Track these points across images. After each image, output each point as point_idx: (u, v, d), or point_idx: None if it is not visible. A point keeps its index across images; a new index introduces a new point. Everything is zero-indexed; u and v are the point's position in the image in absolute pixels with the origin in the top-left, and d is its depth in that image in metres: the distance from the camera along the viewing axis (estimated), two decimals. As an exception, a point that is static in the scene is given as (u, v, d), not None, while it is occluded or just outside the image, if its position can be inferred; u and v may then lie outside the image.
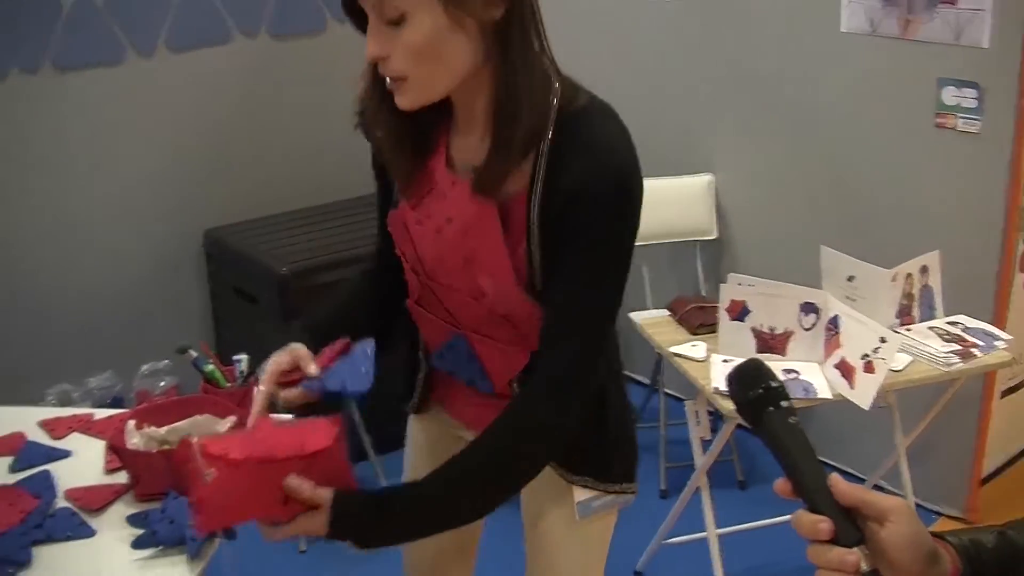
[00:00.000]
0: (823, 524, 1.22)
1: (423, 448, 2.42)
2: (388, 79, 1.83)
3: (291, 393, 1.98)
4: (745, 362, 1.35)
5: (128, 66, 4.50)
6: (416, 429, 2.45)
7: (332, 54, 4.98)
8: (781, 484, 1.29)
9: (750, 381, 1.32)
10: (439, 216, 1.94)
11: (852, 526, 1.23)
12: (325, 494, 1.80)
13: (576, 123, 1.81)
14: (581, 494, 2.14)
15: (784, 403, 1.31)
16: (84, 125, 4.45)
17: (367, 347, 2.00)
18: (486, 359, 2.03)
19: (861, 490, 1.24)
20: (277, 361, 1.98)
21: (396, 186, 2.04)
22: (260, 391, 1.97)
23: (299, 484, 1.77)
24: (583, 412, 1.92)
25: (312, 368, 1.96)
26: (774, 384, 1.31)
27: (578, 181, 1.77)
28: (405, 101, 1.82)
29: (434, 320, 2.08)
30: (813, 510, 1.24)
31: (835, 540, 1.22)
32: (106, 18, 4.38)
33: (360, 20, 1.83)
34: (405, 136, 1.92)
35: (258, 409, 1.95)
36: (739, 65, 4.35)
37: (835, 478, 1.25)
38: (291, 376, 1.99)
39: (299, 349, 1.99)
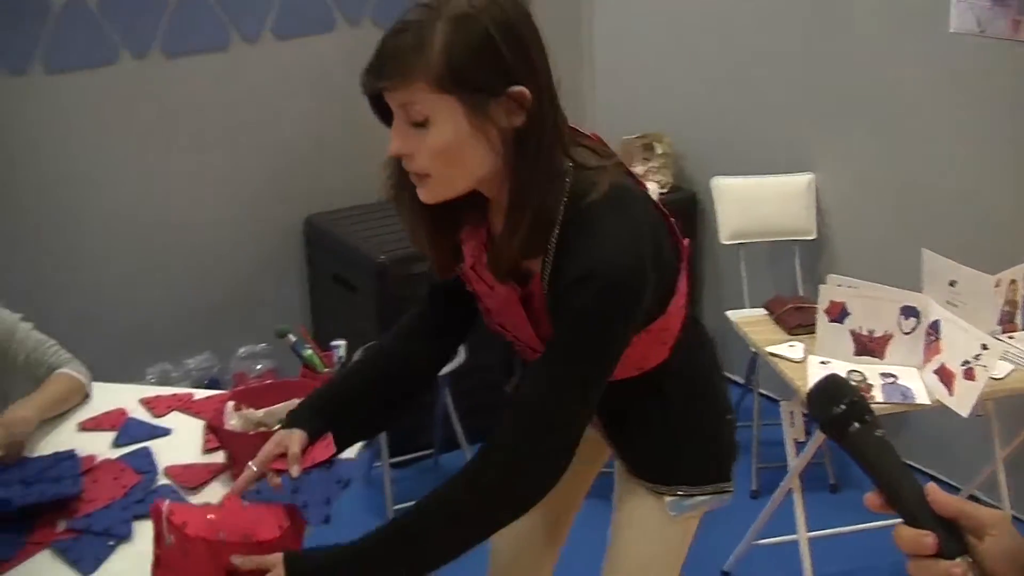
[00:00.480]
0: (927, 538, 1.19)
1: None
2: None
3: (275, 481, 2.08)
4: (825, 378, 1.34)
5: (233, 52, 4.56)
6: None
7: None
8: (872, 498, 1.27)
9: (832, 398, 1.31)
10: (486, 284, 2.04)
11: (953, 537, 1.20)
12: (274, 557, 1.87)
13: (583, 217, 1.85)
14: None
15: (868, 417, 1.29)
16: (189, 111, 4.51)
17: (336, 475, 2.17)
18: None
19: (960, 501, 1.22)
20: (276, 445, 2.08)
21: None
22: (251, 469, 2.06)
23: (244, 560, 1.87)
24: (558, 456, 1.90)
25: (294, 470, 2.04)
26: (856, 399, 1.30)
27: (580, 269, 1.81)
28: (427, 196, 1.90)
29: (509, 336, 2.16)
30: (911, 523, 1.22)
31: (938, 553, 1.20)
32: (213, 5, 4.45)
33: (386, 114, 1.92)
34: (435, 218, 1.99)
35: (242, 485, 2.05)
36: (843, 64, 4.31)
37: (932, 488, 1.23)
38: (280, 462, 2.08)
39: (295, 442, 2.07)
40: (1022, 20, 3.71)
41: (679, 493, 2.19)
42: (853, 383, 1.39)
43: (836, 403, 1.30)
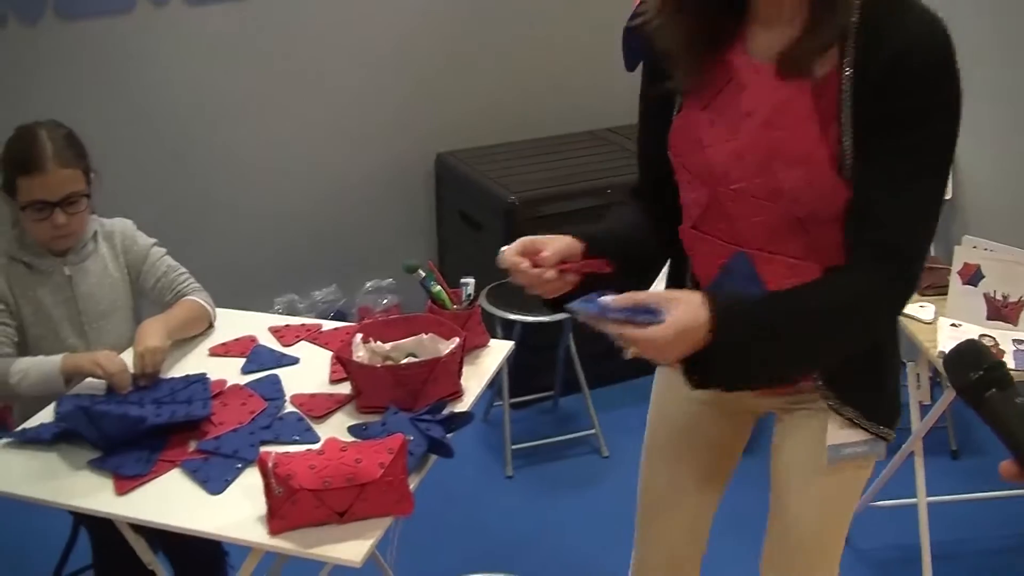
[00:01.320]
0: None
1: (675, 403, 2.35)
2: None
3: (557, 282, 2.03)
4: (963, 343, 1.31)
5: (371, -10, 4.58)
6: (668, 383, 2.37)
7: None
8: (1008, 466, 1.24)
9: (970, 363, 1.28)
10: (735, 112, 1.89)
11: None
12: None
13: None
14: (835, 436, 2.08)
15: (1008, 383, 1.26)
16: (323, 44, 4.55)
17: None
18: (769, 278, 1.95)
19: None
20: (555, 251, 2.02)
21: (680, 90, 1.97)
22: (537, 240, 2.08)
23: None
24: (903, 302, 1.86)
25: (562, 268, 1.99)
26: (995, 365, 1.27)
27: (897, 53, 1.73)
28: None
29: (712, 242, 2.00)
30: None
31: None
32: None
33: None
34: (703, 28, 1.87)
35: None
36: (980, 22, 4.19)
37: None
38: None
39: (563, 246, 2.03)
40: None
41: (850, 417, 2.06)
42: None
43: (974, 368, 1.27)
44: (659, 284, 2.19)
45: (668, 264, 2.20)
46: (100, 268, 2.88)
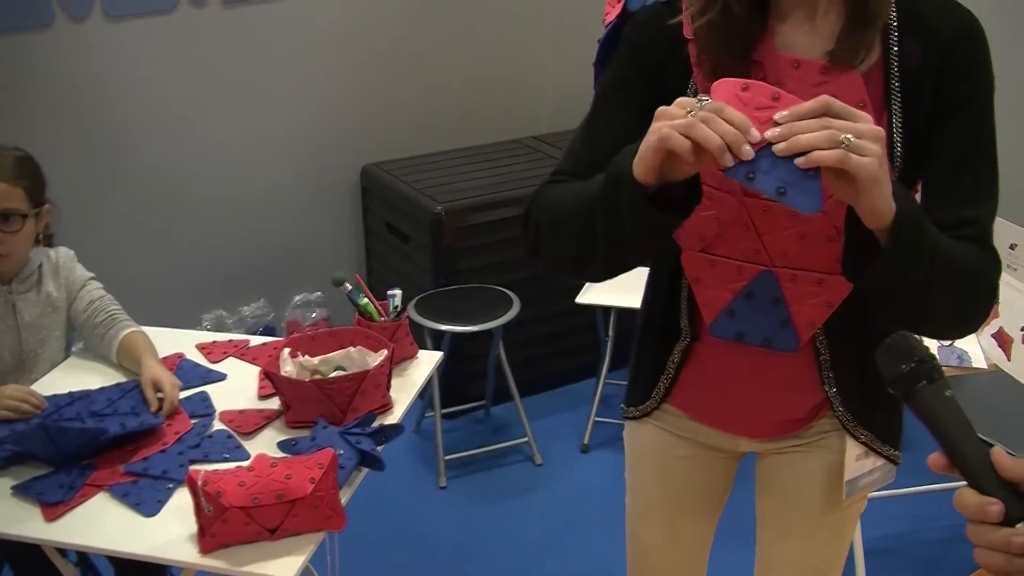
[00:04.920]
0: (993, 507, 1.17)
1: (655, 463, 2.19)
2: None
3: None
4: (895, 336, 1.32)
5: (291, 2, 4.54)
6: (647, 439, 2.18)
7: (495, -5, 5.01)
8: (936, 459, 1.25)
9: (901, 355, 1.29)
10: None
11: (1017, 501, 1.19)
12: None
13: None
14: (851, 470, 2.01)
15: (938, 377, 1.27)
16: (246, 60, 4.52)
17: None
18: (792, 299, 1.84)
19: None
20: None
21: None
22: None
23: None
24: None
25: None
26: (926, 358, 1.28)
27: (949, 40, 1.73)
28: None
29: (727, 265, 1.86)
30: (974, 485, 1.21)
31: (1000, 521, 1.18)
32: (275, -48, 4.45)
33: None
34: (738, 28, 1.76)
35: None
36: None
37: (998, 452, 1.21)
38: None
39: None
40: None
41: (867, 443, 2.00)
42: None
43: (906, 361, 1.28)
44: (637, 296, 2.09)
45: (649, 293, 2.07)
46: (44, 299, 2.84)
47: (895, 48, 1.76)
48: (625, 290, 3.22)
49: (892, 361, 1.29)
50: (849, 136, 1.46)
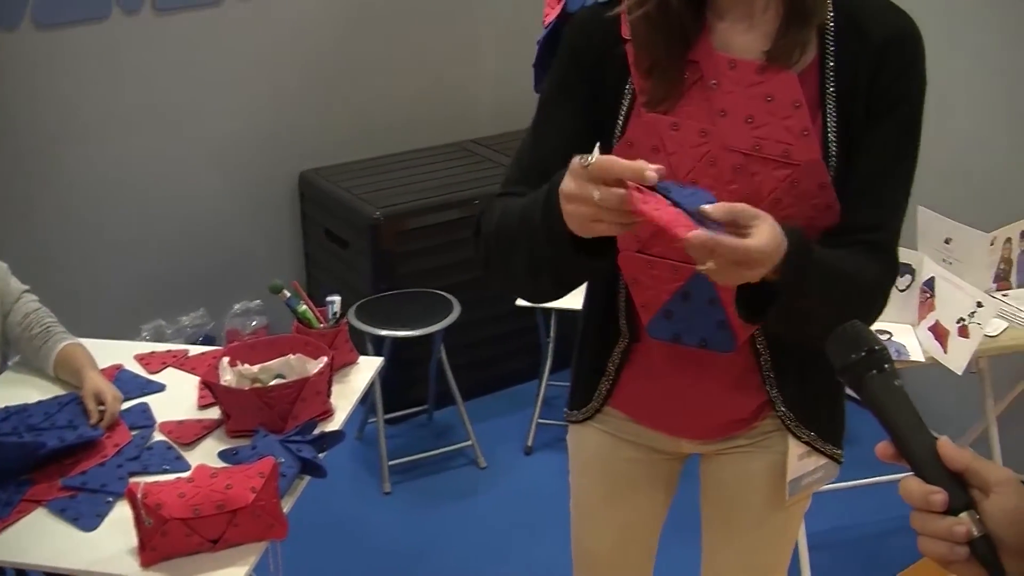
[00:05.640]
0: (938, 496, 1.18)
1: (599, 466, 2.19)
2: None
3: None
4: (846, 325, 1.33)
5: (226, 7, 4.52)
6: (590, 442, 2.17)
7: (430, -1, 5.01)
8: (884, 448, 1.26)
9: (852, 344, 1.30)
10: (705, 113, 1.77)
11: (961, 491, 1.20)
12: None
13: None
14: (794, 469, 2.02)
15: (887, 366, 1.28)
16: (183, 66, 4.48)
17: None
18: (730, 302, 1.80)
19: (970, 457, 1.21)
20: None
21: (650, 96, 1.79)
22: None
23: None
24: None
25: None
26: (877, 347, 1.29)
27: (884, 41, 1.74)
28: None
29: (664, 266, 1.85)
30: (919, 475, 1.22)
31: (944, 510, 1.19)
32: (208, -42, 4.42)
33: None
34: (675, 23, 1.75)
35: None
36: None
37: (944, 442, 1.22)
38: None
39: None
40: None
41: (809, 442, 2.00)
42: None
43: (856, 349, 1.29)
44: (578, 298, 2.07)
45: (589, 294, 2.07)
46: None
47: (831, 48, 1.77)
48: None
49: (842, 350, 1.30)
50: (711, 265, 1.51)
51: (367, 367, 2.85)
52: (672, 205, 1.50)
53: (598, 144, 1.63)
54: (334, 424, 2.55)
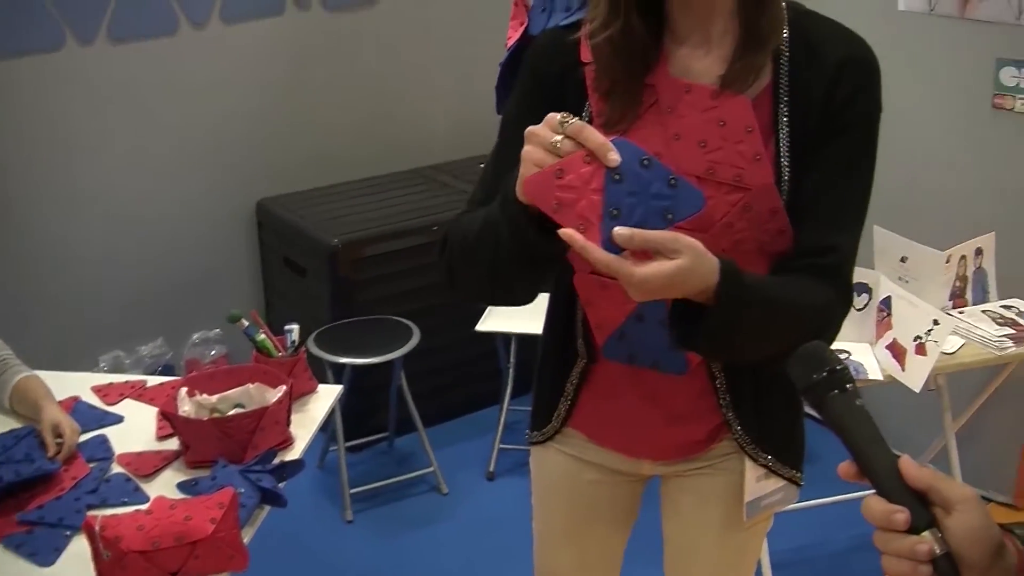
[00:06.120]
0: (900, 515, 1.19)
1: (561, 488, 2.19)
2: None
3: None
4: (807, 345, 1.33)
5: (181, 37, 4.51)
6: (552, 464, 2.17)
7: (384, 25, 4.99)
8: (846, 467, 1.26)
9: (813, 364, 1.30)
10: (661, 136, 1.78)
11: (923, 509, 1.20)
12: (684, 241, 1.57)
13: (807, 18, 1.81)
14: (752, 490, 2.02)
15: (849, 386, 1.29)
16: (138, 95, 4.47)
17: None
18: None
19: (932, 475, 1.22)
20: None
21: (606, 119, 1.81)
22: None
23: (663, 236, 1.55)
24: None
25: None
26: (838, 367, 1.30)
27: (839, 63, 1.76)
28: None
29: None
30: (882, 493, 1.22)
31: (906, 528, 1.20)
32: (161, -12, 4.41)
33: None
34: (636, 47, 1.78)
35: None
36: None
37: (905, 461, 1.23)
38: None
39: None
40: (970, -2, 3.74)
41: (766, 464, 2.00)
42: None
43: (817, 370, 1.29)
44: (538, 320, 2.09)
45: (548, 316, 2.08)
46: None
47: (786, 73, 1.78)
48: (525, 316, 3.23)
49: (804, 370, 1.31)
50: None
51: (327, 395, 2.84)
52: (602, 200, 1.53)
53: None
54: (294, 453, 2.53)
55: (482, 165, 1.99)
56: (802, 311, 1.76)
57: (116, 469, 2.51)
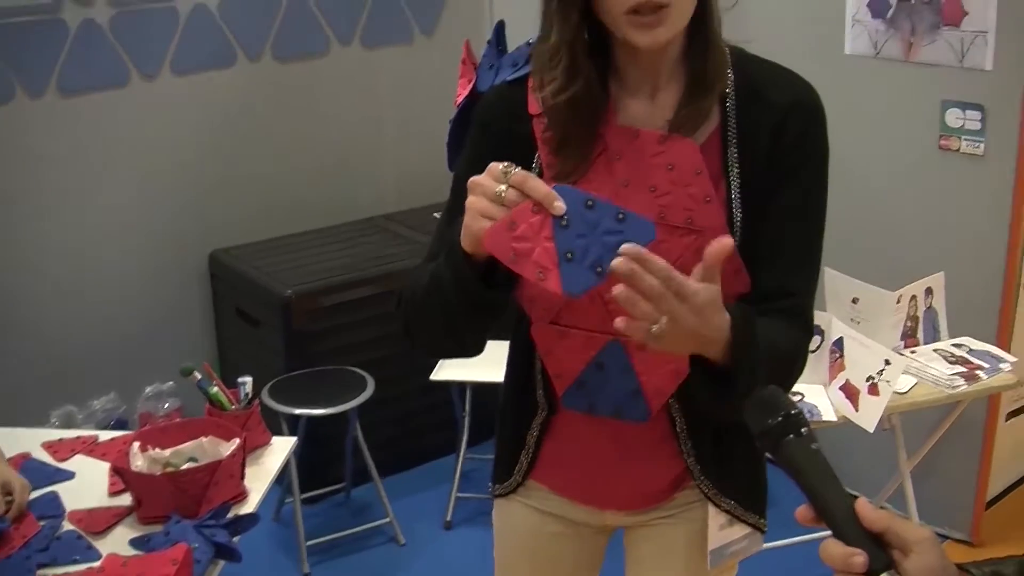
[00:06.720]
0: (858, 557, 1.19)
1: (523, 542, 2.17)
2: (632, 23, 1.70)
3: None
4: (763, 390, 1.34)
5: (132, 88, 4.50)
6: (515, 517, 2.16)
7: (335, 75, 5.01)
8: (803, 511, 1.27)
9: (769, 409, 1.31)
10: (610, 184, 1.79)
11: (880, 552, 1.21)
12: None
13: (750, 62, 1.84)
14: (716, 539, 2.02)
15: (804, 430, 1.29)
16: (89, 147, 4.44)
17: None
18: (644, 371, 1.85)
19: (888, 517, 1.22)
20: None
21: (558, 170, 1.81)
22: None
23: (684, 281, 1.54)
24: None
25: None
26: (793, 412, 1.30)
27: (785, 107, 1.78)
28: (664, 31, 1.70)
29: (577, 336, 1.87)
30: (839, 537, 1.23)
31: (865, 571, 1.20)
32: (111, 41, 4.39)
33: None
34: (592, 102, 1.79)
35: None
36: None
37: (861, 504, 1.23)
38: None
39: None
40: (915, 42, 3.79)
41: (729, 511, 2.00)
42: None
43: (773, 414, 1.30)
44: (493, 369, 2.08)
45: (508, 367, 2.07)
46: None
47: (732, 116, 1.80)
48: (479, 365, 3.22)
49: (760, 415, 1.31)
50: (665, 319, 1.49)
51: (280, 447, 2.82)
52: (554, 247, 1.54)
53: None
54: (248, 507, 2.51)
55: (435, 215, 2.00)
56: (788, 354, 1.79)
57: (67, 526, 2.48)
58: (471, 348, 1.84)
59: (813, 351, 3.26)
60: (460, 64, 2.26)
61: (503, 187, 1.56)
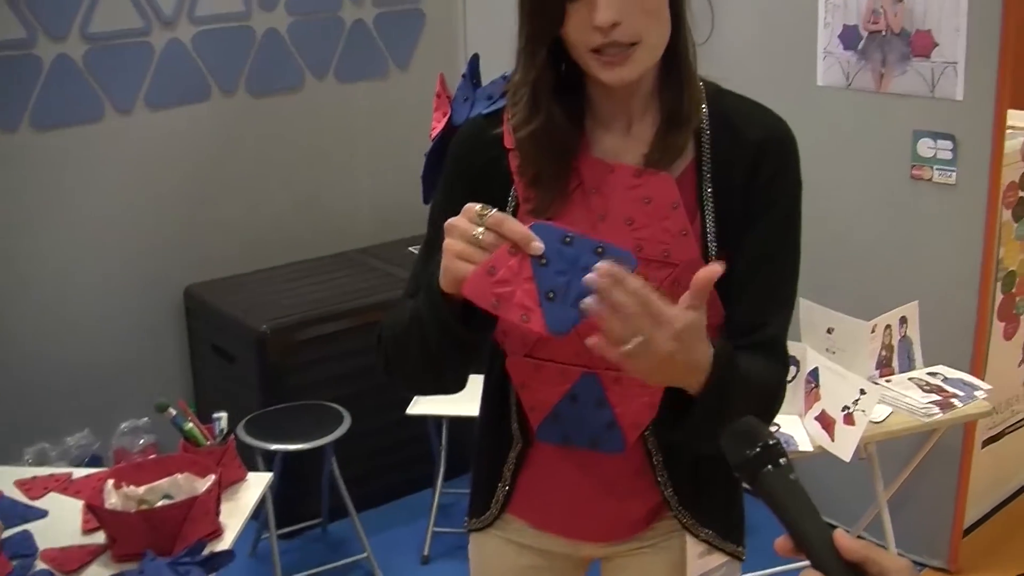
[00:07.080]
0: None
1: (503, 574, 2.15)
2: (597, 61, 1.71)
3: None
4: (740, 420, 1.34)
5: (106, 123, 4.49)
6: (491, 550, 2.14)
7: (310, 110, 5.01)
8: (782, 542, 1.27)
9: (746, 440, 1.31)
10: (586, 218, 1.80)
11: None
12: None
13: (725, 96, 1.85)
14: (694, 568, 2.00)
15: (782, 460, 1.29)
16: (63, 182, 4.43)
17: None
18: (619, 403, 1.86)
19: (866, 547, 1.23)
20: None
21: (534, 205, 1.82)
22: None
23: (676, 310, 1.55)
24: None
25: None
26: (771, 442, 1.30)
27: (759, 141, 1.79)
28: (630, 70, 1.71)
29: (553, 369, 1.87)
30: (818, 567, 1.23)
31: None
32: (85, 76, 4.38)
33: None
34: (559, 138, 1.79)
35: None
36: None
37: (840, 534, 1.24)
38: None
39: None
40: (886, 73, 3.81)
41: (708, 540, 1.99)
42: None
43: (750, 446, 1.30)
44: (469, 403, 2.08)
45: (483, 400, 2.06)
46: None
47: (707, 150, 1.81)
48: (455, 399, 3.19)
49: (737, 446, 1.31)
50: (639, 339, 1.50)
51: (256, 483, 2.81)
52: (535, 287, 1.54)
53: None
54: (224, 543, 2.50)
55: (411, 248, 2.01)
56: (766, 388, 1.80)
57: (40, 566, 2.46)
58: (452, 385, 1.84)
59: (789, 381, 3.26)
60: (435, 97, 2.27)
61: (480, 230, 1.56)
